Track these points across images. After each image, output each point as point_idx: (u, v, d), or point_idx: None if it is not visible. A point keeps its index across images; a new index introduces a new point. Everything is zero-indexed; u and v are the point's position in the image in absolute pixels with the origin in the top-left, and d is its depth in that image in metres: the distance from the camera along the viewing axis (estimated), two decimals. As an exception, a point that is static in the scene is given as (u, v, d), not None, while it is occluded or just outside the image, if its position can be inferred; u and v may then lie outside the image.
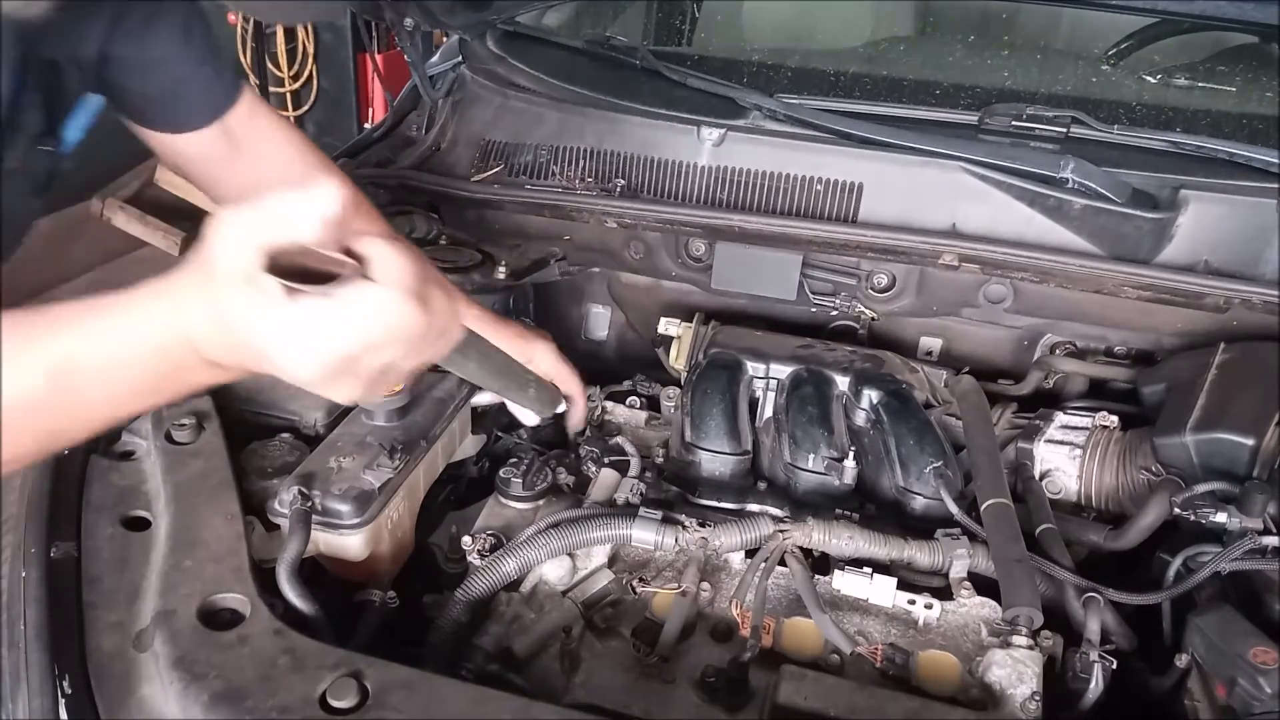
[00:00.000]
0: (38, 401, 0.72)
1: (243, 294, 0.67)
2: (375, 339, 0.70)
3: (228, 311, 0.69)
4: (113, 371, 0.73)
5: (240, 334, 0.69)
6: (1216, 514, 1.10)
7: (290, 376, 0.71)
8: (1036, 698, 0.97)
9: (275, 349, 0.69)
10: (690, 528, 1.13)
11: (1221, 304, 1.36)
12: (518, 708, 0.86)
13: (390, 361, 0.74)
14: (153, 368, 0.74)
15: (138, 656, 0.91)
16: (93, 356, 0.73)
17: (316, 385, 0.73)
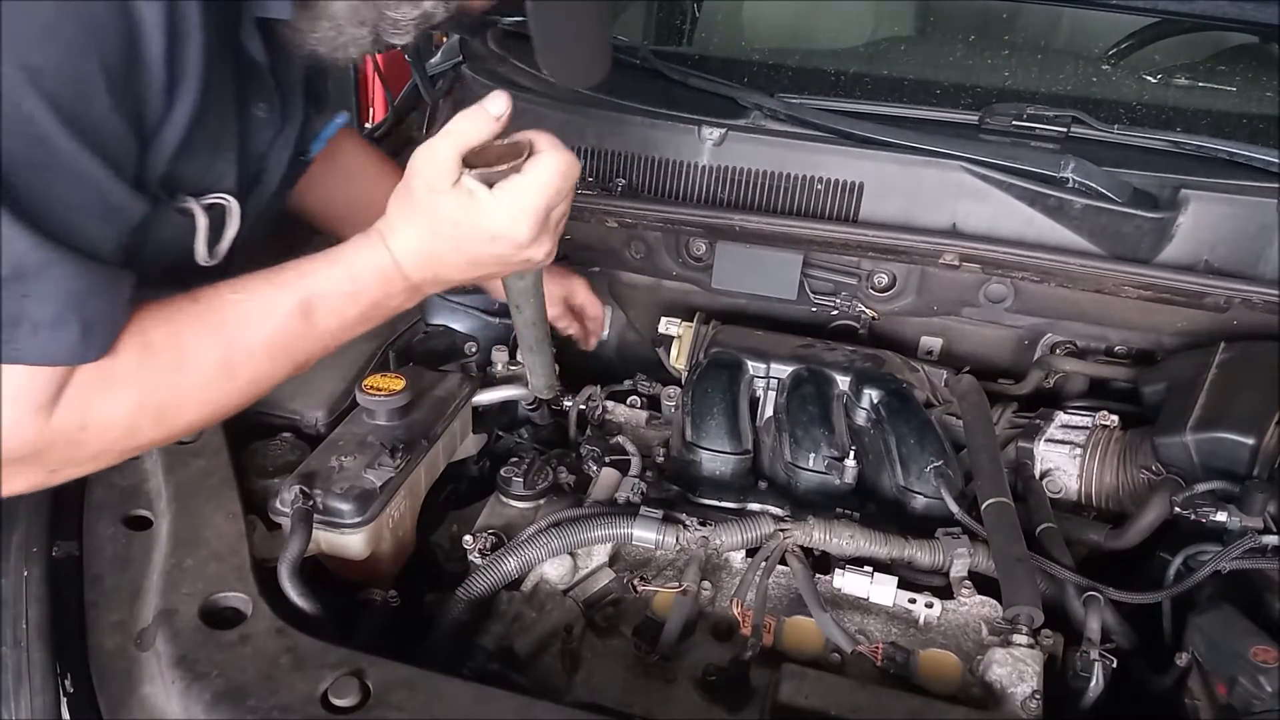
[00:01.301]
0: (293, 333, 0.91)
1: (455, 199, 0.89)
2: (562, 188, 0.92)
3: (445, 221, 0.91)
4: (343, 304, 0.93)
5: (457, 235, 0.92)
6: (1217, 513, 1.10)
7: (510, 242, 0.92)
8: (1037, 696, 0.97)
9: (495, 227, 0.90)
10: (691, 527, 1.13)
11: (1222, 303, 1.36)
12: (519, 706, 0.86)
13: (565, 212, 0.96)
14: (371, 297, 0.94)
15: (139, 655, 0.91)
16: (329, 294, 0.92)
17: (527, 245, 0.93)
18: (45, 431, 0.81)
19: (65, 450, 0.84)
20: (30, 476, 0.85)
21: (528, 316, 1.21)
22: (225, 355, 0.88)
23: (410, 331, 1.58)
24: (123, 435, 0.87)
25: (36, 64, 0.72)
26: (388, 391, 1.18)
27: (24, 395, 0.79)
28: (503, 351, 1.57)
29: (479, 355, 1.60)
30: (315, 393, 1.29)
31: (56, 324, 0.77)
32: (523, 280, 1.13)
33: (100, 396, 0.83)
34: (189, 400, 0.89)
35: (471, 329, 1.66)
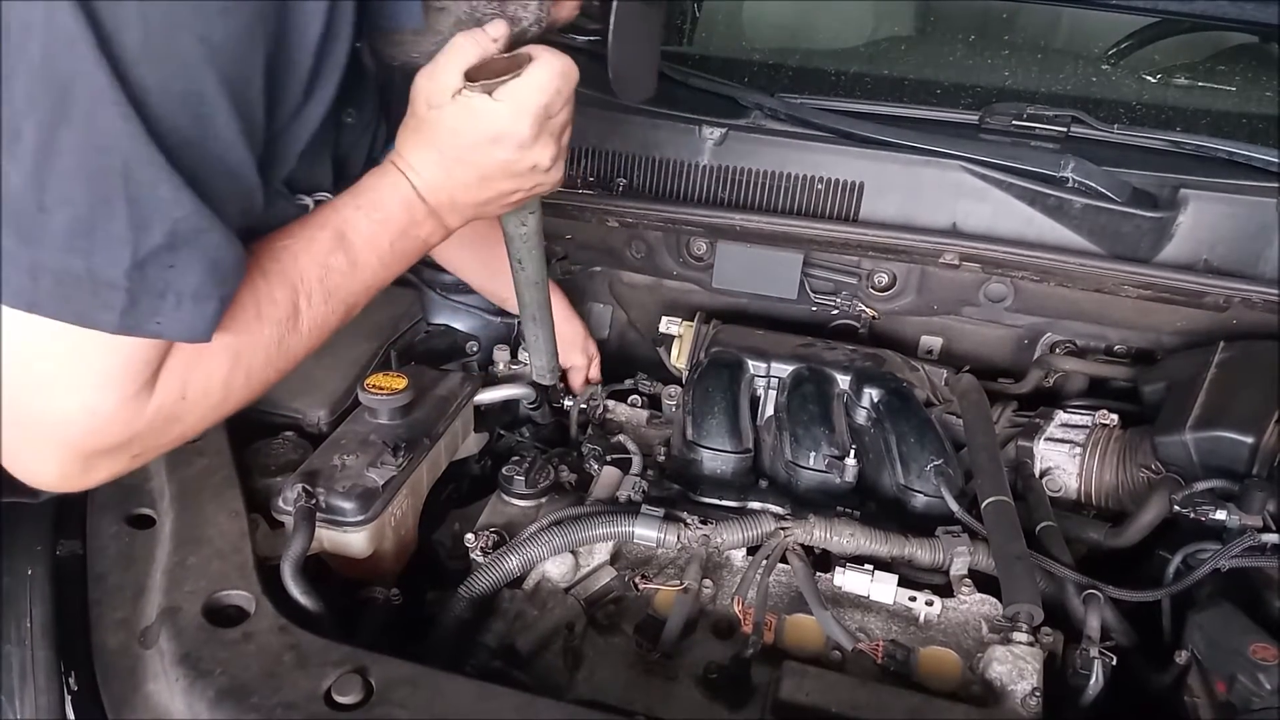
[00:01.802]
0: (337, 270, 0.90)
1: (456, 109, 0.91)
2: (562, 88, 0.93)
3: (448, 133, 0.92)
4: (375, 233, 0.93)
5: (461, 145, 0.92)
6: (1216, 511, 1.10)
7: (514, 142, 0.92)
8: (1037, 694, 0.97)
9: (496, 127, 0.91)
10: (692, 525, 1.14)
11: (1221, 303, 1.36)
12: (521, 704, 0.86)
13: (567, 120, 0.97)
14: (398, 224, 0.94)
15: (143, 653, 0.92)
16: (360, 225, 0.92)
17: (531, 144, 0.93)
18: (143, 413, 0.78)
19: (162, 428, 0.81)
20: (115, 464, 0.82)
21: (529, 274, 1.23)
22: (290, 300, 0.87)
23: (412, 331, 1.58)
24: (219, 401, 0.85)
25: (216, 40, 0.71)
26: (390, 390, 1.19)
27: (125, 376, 0.75)
28: (504, 351, 1.58)
29: (480, 354, 1.60)
30: (317, 392, 1.30)
31: (199, 297, 0.75)
32: (525, 226, 1.14)
33: (198, 364, 0.81)
34: (269, 353, 0.87)
35: (473, 328, 1.66)
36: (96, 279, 0.70)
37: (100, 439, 0.78)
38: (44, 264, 0.69)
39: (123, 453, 0.81)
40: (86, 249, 0.69)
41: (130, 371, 0.76)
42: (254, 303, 0.84)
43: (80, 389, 0.74)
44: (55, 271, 0.69)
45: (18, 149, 0.66)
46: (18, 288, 0.69)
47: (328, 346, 1.35)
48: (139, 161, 0.69)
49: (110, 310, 0.71)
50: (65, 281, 0.70)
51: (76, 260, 0.69)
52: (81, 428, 0.76)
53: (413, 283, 1.62)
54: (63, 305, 0.70)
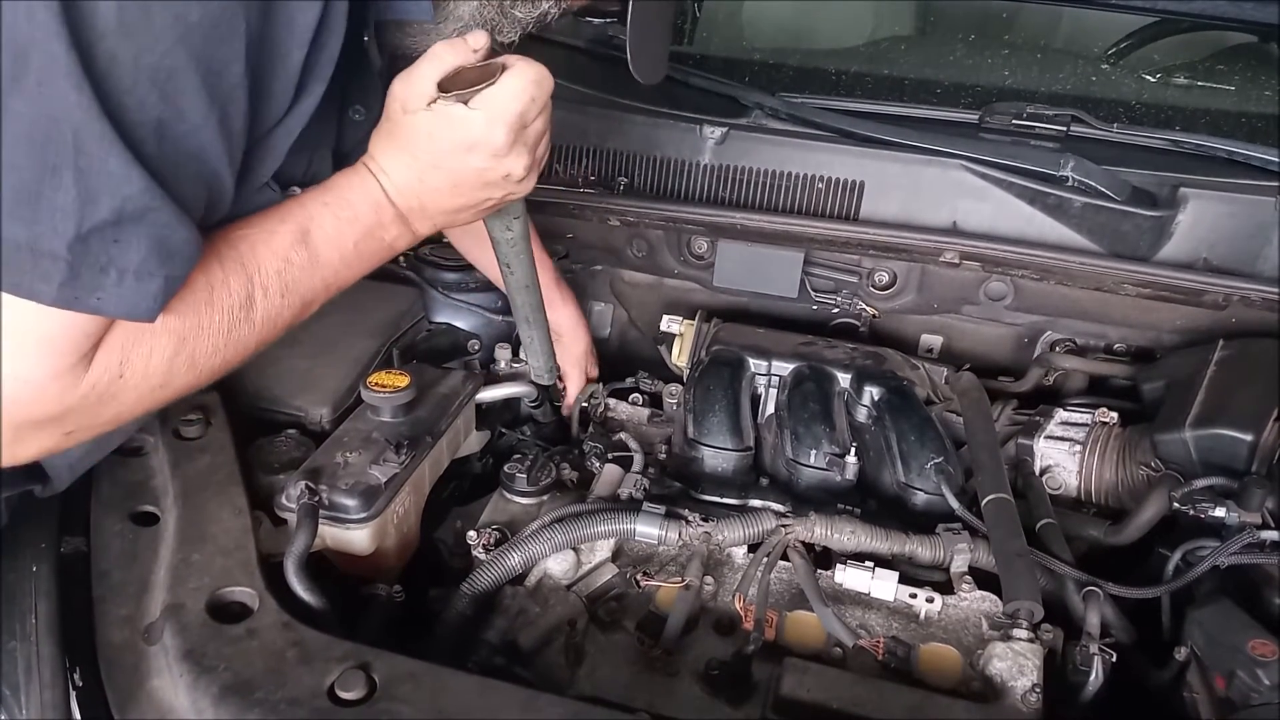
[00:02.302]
0: (297, 264, 0.89)
1: (431, 117, 0.91)
2: (537, 95, 0.92)
3: (423, 138, 0.92)
4: (339, 232, 0.92)
5: (435, 151, 0.92)
6: (1215, 509, 1.11)
7: (488, 150, 0.92)
8: (1037, 690, 0.97)
9: (471, 136, 0.91)
10: (693, 523, 1.14)
11: (1220, 301, 1.37)
12: (523, 700, 0.87)
13: (542, 129, 0.96)
14: (364, 224, 0.94)
15: (147, 649, 0.92)
16: (325, 222, 0.91)
17: (505, 154, 0.93)
18: (77, 388, 0.76)
19: (95, 406, 0.79)
20: (46, 439, 0.80)
21: (519, 278, 1.23)
22: (245, 290, 0.86)
23: (414, 329, 1.58)
24: (159, 385, 0.83)
25: (192, 19, 0.71)
26: (392, 388, 1.19)
27: (60, 348, 0.74)
28: (505, 349, 1.58)
29: (482, 353, 1.61)
30: (320, 390, 1.30)
31: (142, 274, 0.74)
32: (510, 231, 1.14)
33: (140, 344, 0.79)
34: (217, 341, 0.85)
35: (474, 327, 1.67)
36: (37, 249, 0.69)
37: (30, 410, 0.76)
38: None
39: (54, 428, 0.79)
40: (29, 218, 0.69)
41: (66, 344, 0.74)
42: (207, 288, 0.83)
43: (12, 358, 0.73)
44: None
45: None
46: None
47: (330, 345, 1.37)
48: (90, 134, 0.68)
49: (49, 282, 0.70)
50: (7, 250, 0.69)
51: (18, 228, 0.68)
52: (11, 397, 0.74)
53: (414, 281, 1.63)
54: (3, 274, 0.69)
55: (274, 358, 1.33)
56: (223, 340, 0.86)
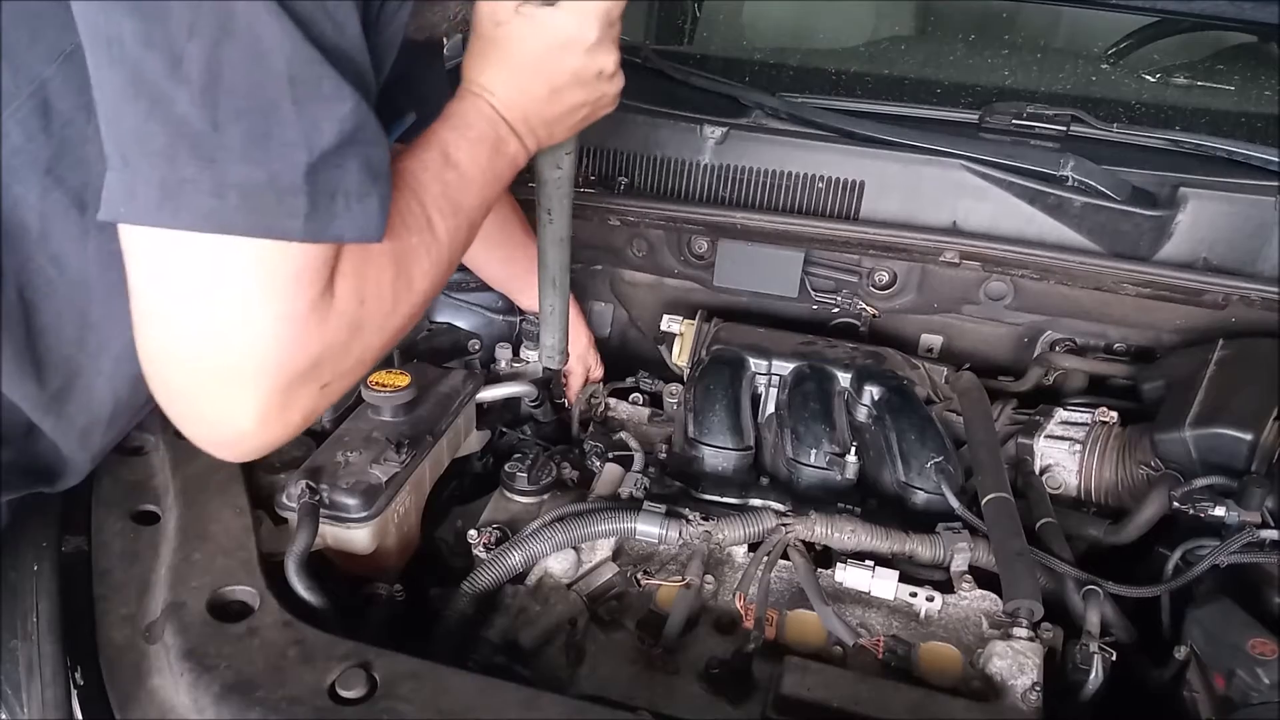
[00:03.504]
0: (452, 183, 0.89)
1: (522, 23, 0.91)
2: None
3: (516, 46, 0.92)
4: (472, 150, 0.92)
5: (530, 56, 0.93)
6: (1215, 508, 1.11)
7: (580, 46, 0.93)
8: (1037, 689, 0.98)
9: (563, 34, 0.92)
10: (694, 522, 1.14)
11: (1220, 301, 1.37)
12: (524, 698, 0.87)
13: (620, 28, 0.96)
14: (489, 140, 0.93)
15: (148, 648, 0.92)
16: (459, 142, 0.91)
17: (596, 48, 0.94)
18: (329, 321, 0.75)
19: (346, 342, 0.78)
20: (309, 396, 0.78)
21: (557, 229, 1.22)
22: (423, 212, 0.86)
23: (415, 329, 1.58)
24: (390, 309, 0.83)
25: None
26: (393, 388, 1.19)
27: (309, 282, 0.73)
28: (506, 349, 1.59)
29: (482, 352, 1.61)
30: (320, 389, 1.30)
31: (361, 196, 0.73)
32: (560, 169, 1.14)
33: (367, 270, 0.79)
34: (422, 261, 0.85)
35: (475, 326, 1.67)
36: (279, 187, 0.69)
37: (296, 356, 0.74)
38: (227, 181, 0.67)
39: (315, 377, 0.78)
40: (264, 158, 0.68)
41: (313, 277, 0.73)
42: (396, 213, 0.82)
43: (269, 303, 0.72)
44: (239, 186, 0.68)
45: (182, 74, 0.65)
46: (207, 210, 0.67)
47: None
48: (299, 61, 0.68)
49: (295, 217, 0.70)
50: (251, 194, 0.68)
51: (257, 171, 0.68)
52: (277, 347, 0.73)
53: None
54: (252, 219, 0.68)
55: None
56: (426, 260, 0.86)
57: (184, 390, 0.77)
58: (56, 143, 0.80)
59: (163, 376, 0.76)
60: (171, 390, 0.77)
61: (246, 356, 0.73)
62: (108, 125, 0.69)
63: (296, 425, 0.81)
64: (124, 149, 0.68)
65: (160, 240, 0.69)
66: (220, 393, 0.75)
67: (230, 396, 0.75)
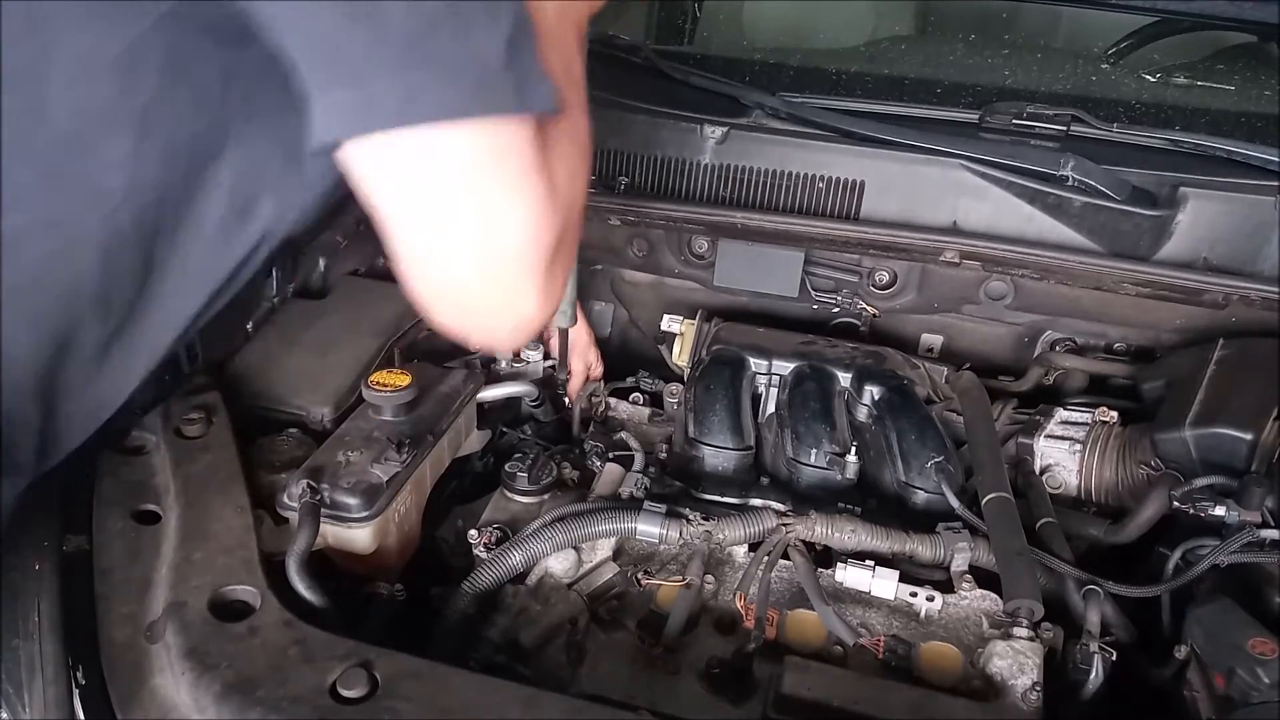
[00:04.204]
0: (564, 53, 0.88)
1: None
2: None
3: None
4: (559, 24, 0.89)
5: None
6: (1215, 508, 1.11)
7: None
8: (1037, 688, 0.98)
9: None
10: (694, 521, 1.14)
11: (1220, 300, 1.37)
12: (525, 698, 0.87)
13: None
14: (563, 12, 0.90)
15: (149, 648, 0.92)
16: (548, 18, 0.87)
17: None
18: (557, 197, 0.81)
19: (567, 216, 0.84)
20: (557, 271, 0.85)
21: None
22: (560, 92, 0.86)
23: (415, 329, 1.58)
24: (581, 185, 0.88)
25: None
26: (394, 387, 1.19)
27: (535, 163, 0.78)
28: (506, 348, 1.59)
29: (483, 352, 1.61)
30: (321, 389, 1.30)
31: (538, 75, 0.78)
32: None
33: (557, 147, 0.83)
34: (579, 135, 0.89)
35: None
36: (490, 71, 0.74)
37: (550, 233, 0.81)
38: (450, 74, 0.73)
39: (561, 252, 0.84)
40: (471, 52, 0.74)
41: (540, 161, 0.79)
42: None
43: (519, 191, 0.78)
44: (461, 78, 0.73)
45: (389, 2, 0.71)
46: (442, 103, 0.73)
47: (331, 344, 1.37)
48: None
49: (509, 94, 0.75)
50: (471, 84, 0.74)
51: (470, 63, 0.73)
52: (534, 229, 0.79)
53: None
54: (480, 102, 0.74)
55: (275, 357, 1.34)
56: (582, 130, 0.90)
57: (467, 291, 0.82)
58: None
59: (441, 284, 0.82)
60: (453, 295, 0.83)
61: (518, 245, 0.79)
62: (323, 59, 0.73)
63: (557, 300, 0.88)
64: (356, 74, 0.72)
65: (406, 147, 0.74)
66: (503, 285, 0.81)
67: (512, 286, 0.81)
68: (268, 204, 0.95)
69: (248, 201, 0.92)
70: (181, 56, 0.82)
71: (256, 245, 0.96)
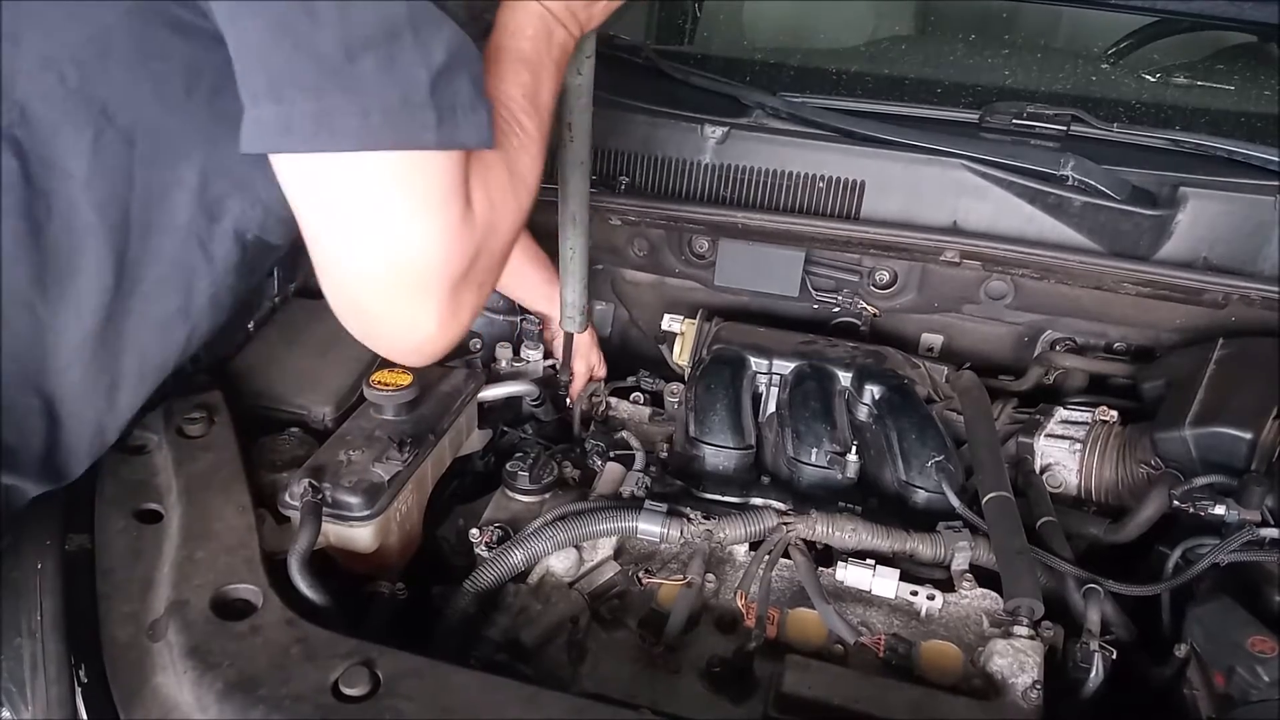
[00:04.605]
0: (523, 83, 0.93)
1: None
2: None
3: None
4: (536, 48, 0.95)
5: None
6: (1215, 507, 1.11)
7: None
8: (1037, 687, 0.98)
9: None
10: (695, 520, 1.14)
11: (1220, 300, 1.37)
12: (526, 696, 0.87)
13: None
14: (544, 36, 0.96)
15: (151, 646, 0.92)
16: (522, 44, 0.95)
17: None
18: (475, 225, 0.83)
19: (490, 244, 0.86)
20: (473, 294, 0.88)
21: (577, 148, 1.22)
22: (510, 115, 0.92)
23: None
24: (515, 209, 0.90)
25: None
26: (395, 386, 1.19)
27: (453, 192, 0.81)
28: (506, 348, 1.59)
29: (484, 352, 1.61)
30: (322, 388, 1.30)
31: (473, 106, 0.81)
32: (580, 75, 1.14)
33: (488, 175, 0.86)
34: (522, 161, 0.92)
35: (476, 325, 1.67)
36: (411, 104, 0.77)
37: (458, 260, 0.83)
38: (369, 105, 0.75)
39: (474, 278, 0.87)
40: (394, 81, 0.76)
41: (454, 186, 0.81)
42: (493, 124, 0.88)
43: (430, 213, 0.80)
44: (380, 108, 0.75)
45: (318, 16, 0.73)
46: (356, 131, 0.75)
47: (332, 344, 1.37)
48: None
49: (429, 129, 0.77)
50: (389, 113, 0.76)
51: (390, 91, 0.76)
52: (444, 250, 0.82)
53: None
54: (396, 134, 0.76)
55: (277, 356, 1.34)
56: (527, 157, 0.92)
57: (369, 305, 0.85)
58: None
59: (348, 296, 0.86)
60: (358, 308, 0.87)
61: (421, 265, 0.82)
62: (254, 67, 0.76)
63: (465, 324, 0.91)
64: (276, 87, 0.75)
65: (320, 167, 0.78)
66: (403, 302, 0.84)
67: (412, 304, 0.84)
68: (236, 204, 0.96)
69: (216, 201, 0.94)
70: (146, 52, 0.84)
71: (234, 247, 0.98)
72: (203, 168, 0.92)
